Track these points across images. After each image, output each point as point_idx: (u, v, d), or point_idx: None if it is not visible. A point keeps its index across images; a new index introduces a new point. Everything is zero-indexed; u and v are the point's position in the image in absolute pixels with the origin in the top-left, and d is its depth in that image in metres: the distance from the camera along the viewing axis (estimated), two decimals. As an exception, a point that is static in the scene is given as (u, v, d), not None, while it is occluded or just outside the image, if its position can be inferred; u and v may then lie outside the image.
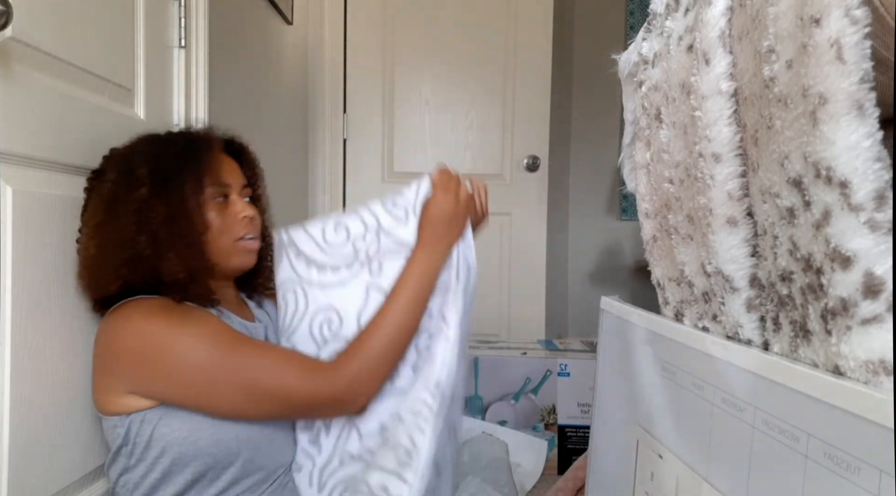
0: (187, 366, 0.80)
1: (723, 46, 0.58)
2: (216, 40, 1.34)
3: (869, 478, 0.38)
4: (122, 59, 1.02)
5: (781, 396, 0.47)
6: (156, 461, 0.83)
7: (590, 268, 2.64)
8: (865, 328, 0.41)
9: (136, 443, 0.83)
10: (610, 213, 2.65)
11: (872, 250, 0.40)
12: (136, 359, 0.81)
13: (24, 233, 0.78)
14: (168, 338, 0.80)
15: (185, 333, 0.81)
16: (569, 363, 1.80)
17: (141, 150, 0.89)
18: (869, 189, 0.40)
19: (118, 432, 0.83)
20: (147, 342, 0.81)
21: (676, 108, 0.67)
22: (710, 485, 0.57)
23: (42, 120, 0.82)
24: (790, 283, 0.51)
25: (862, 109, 0.39)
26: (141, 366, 0.81)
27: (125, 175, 0.86)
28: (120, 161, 0.88)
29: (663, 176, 0.73)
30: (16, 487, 0.77)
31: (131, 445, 0.83)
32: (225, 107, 1.41)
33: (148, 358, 0.80)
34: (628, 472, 0.79)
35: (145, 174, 0.85)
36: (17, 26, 0.74)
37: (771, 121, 0.49)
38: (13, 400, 0.77)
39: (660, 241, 0.78)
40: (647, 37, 0.78)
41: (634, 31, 2.52)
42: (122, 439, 0.83)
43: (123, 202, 0.84)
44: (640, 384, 0.77)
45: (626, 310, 0.86)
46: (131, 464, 0.83)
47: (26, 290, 0.79)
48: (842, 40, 0.39)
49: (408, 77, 2.40)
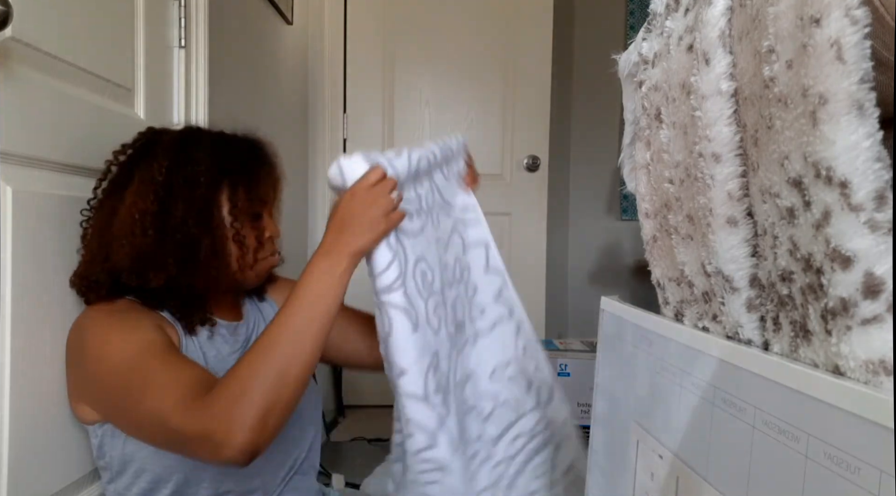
0: (104, 368, 0.77)
1: (723, 46, 0.58)
2: (216, 40, 1.34)
3: (869, 478, 0.38)
4: (122, 59, 1.02)
5: (781, 396, 0.47)
6: (136, 478, 0.82)
7: (590, 268, 2.64)
8: (865, 328, 0.41)
9: (111, 458, 0.82)
10: (610, 213, 2.65)
11: (872, 250, 0.40)
12: (77, 352, 0.82)
13: (24, 233, 0.78)
14: (101, 340, 0.79)
15: (117, 337, 0.78)
16: (569, 363, 1.80)
17: (201, 143, 0.87)
18: (869, 189, 0.40)
19: (94, 443, 0.84)
20: (84, 342, 0.80)
21: (676, 108, 0.67)
22: (710, 485, 0.57)
23: (42, 120, 0.82)
24: (790, 283, 0.51)
25: (862, 109, 0.39)
26: (76, 366, 0.82)
27: (182, 166, 0.83)
28: (175, 148, 0.85)
29: (663, 176, 0.73)
30: (15, 487, 0.77)
31: (107, 458, 0.83)
32: (225, 107, 1.41)
33: (83, 352, 0.81)
34: (628, 472, 0.79)
35: (205, 171, 0.84)
36: (17, 26, 0.74)
37: (771, 121, 0.49)
38: (13, 400, 0.77)
39: (660, 241, 0.78)
40: (647, 37, 0.77)
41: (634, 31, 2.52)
42: (97, 451, 0.83)
43: (183, 199, 0.82)
44: (640, 384, 0.77)
45: (626, 310, 0.86)
46: (114, 477, 0.84)
47: (26, 290, 0.79)
48: (842, 40, 0.39)
49: (408, 77, 2.40)
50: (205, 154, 0.85)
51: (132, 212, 0.81)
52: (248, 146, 0.92)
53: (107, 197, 0.86)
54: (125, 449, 0.81)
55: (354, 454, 1.89)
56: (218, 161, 0.86)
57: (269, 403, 0.69)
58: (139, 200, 0.82)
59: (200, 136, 0.89)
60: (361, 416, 2.31)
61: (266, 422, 0.69)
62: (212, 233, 0.84)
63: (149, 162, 0.84)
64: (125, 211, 0.82)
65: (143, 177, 0.83)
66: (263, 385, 0.70)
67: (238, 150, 0.90)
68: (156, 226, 0.81)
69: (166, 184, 0.82)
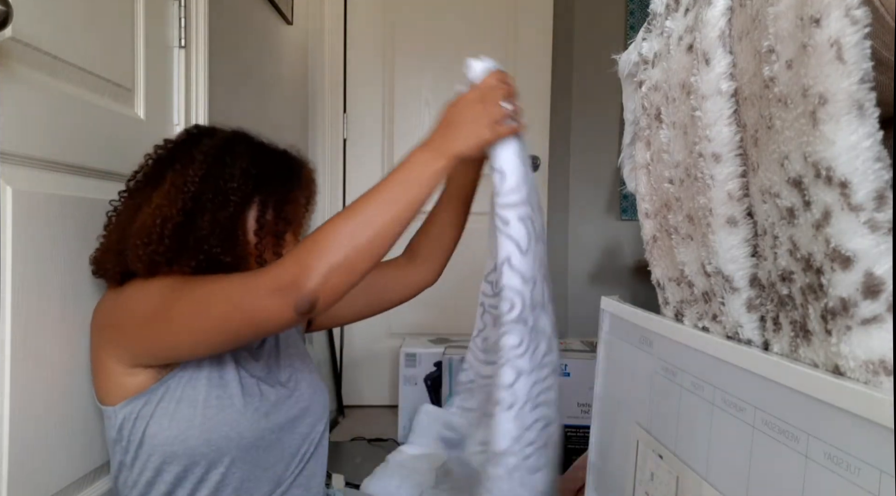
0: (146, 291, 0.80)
1: (723, 46, 0.58)
2: (216, 40, 1.34)
3: (869, 478, 0.38)
4: (122, 59, 1.02)
5: (781, 396, 0.47)
6: (148, 459, 0.83)
7: (590, 269, 2.64)
8: (865, 328, 0.41)
9: (129, 440, 0.83)
10: (610, 213, 2.64)
11: (872, 250, 0.40)
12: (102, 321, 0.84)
13: (24, 233, 0.78)
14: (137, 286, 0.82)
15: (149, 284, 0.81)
16: (569, 363, 1.80)
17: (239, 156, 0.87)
18: (869, 189, 0.40)
19: (112, 423, 0.83)
20: (117, 296, 0.83)
21: (676, 108, 0.67)
22: (710, 485, 0.57)
23: (42, 120, 0.82)
24: (790, 283, 0.51)
25: (862, 109, 0.39)
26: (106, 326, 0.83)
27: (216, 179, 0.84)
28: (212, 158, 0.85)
29: (663, 176, 0.73)
30: (16, 487, 0.77)
31: (125, 442, 0.83)
32: (225, 107, 1.41)
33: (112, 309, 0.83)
34: (628, 472, 0.79)
35: (237, 188, 0.84)
36: (17, 26, 0.74)
37: (771, 121, 0.49)
38: (13, 399, 0.77)
39: (660, 241, 0.78)
40: (647, 37, 0.77)
41: (634, 31, 2.52)
42: (116, 433, 0.83)
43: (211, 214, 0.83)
44: (640, 384, 0.77)
45: (626, 310, 0.86)
46: (127, 462, 0.84)
47: (26, 290, 0.79)
48: (842, 40, 0.39)
49: (408, 77, 2.40)
50: (240, 168, 0.85)
51: (155, 216, 0.81)
52: (287, 164, 0.91)
53: (137, 190, 0.86)
54: (147, 431, 0.81)
55: (354, 454, 1.89)
56: (252, 177, 0.85)
57: (338, 258, 0.71)
58: (165, 205, 0.81)
59: (240, 148, 0.88)
60: (361, 416, 2.31)
61: (330, 274, 0.71)
62: (234, 252, 0.84)
63: (184, 166, 0.83)
64: (149, 211, 0.81)
65: (175, 181, 0.83)
66: (336, 240, 0.72)
67: (275, 167, 0.89)
68: (177, 236, 0.81)
69: (196, 195, 0.82)
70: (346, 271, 0.72)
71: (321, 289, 0.71)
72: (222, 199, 0.83)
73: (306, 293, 0.70)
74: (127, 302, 0.82)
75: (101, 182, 0.94)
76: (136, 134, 1.04)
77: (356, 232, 0.73)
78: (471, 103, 0.79)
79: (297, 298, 0.70)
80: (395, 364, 2.22)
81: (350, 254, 0.72)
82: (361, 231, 0.73)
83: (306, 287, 0.70)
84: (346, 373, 2.42)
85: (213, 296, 0.75)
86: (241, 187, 0.84)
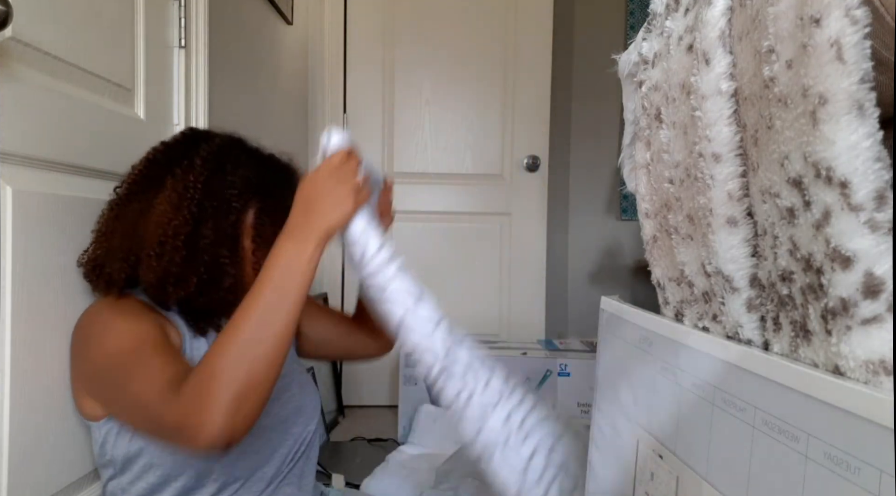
0: (103, 352, 0.78)
1: (723, 46, 0.58)
2: (216, 40, 1.34)
3: (869, 478, 0.38)
4: (122, 59, 1.02)
5: (781, 396, 0.47)
6: (143, 474, 0.82)
7: (590, 268, 2.64)
8: (865, 328, 0.41)
9: (114, 455, 0.82)
10: (610, 213, 2.65)
11: (872, 250, 0.40)
12: (80, 343, 0.83)
13: (24, 233, 0.78)
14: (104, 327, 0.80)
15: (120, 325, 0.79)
16: (569, 363, 1.80)
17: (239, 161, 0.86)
18: (869, 189, 0.40)
19: (96, 439, 0.84)
20: (90, 330, 0.82)
21: (676, 108, 0.67)
22: (710, 485, 0.57)
23: (42, 120, 0.82)
24: (790, 283, 0.51)
25: (862, 109, 0.39)
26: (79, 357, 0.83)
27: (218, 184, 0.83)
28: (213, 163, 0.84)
29: (663, 176, 0.73)
30: (16, 487, 0.77)
31: (109, 457, 0.83)
32: (225, 107, 1.42)
33: (86, 341, 0.82)
34: (628, 472, 0.79)
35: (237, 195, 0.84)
36: (17, 26, 0.74)
37: (771, 121, 0.49)
38: (13, 399, 0.77)
39: (660, 241, 0.78)
40: (647, 37, 0.77)
41: (634, 31, 2.52)
42: (100, 449, 0.83)
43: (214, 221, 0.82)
44: (640, 384, 0.77)
45: (626, 310, 0.86)
46: (116, 474, 0.84)
47: (26, 290, 0.79)
48: (842, 40, 0.39)
49: (408, 77, 2.40)
50: (240, 175, 0.85)
51: (165, 225, 0.80)
52: (282, 173, 0.91)
53: (135, 193, 0.85)
54: (131, 446, 0.81)
55: (354, 454, 1.89)
56: (250, 184, 0.85)
57: (239, 386, 0.67)
58: (172, 214, 0.80)
59: (238, 154, 0.88)
60: (361, 416, 2.31)
61: (239, 405, 0.67)
62: (237, 260, 0.84)
63: (185, 171, 0.83)
64: (157, 219, 0.81)
65: (177, 186, 0.82)
66: (231, 369, 0.68)
67: (272, 173, 0.89)
68: (187, 245, 0.80)
69: (201, 202, 0.81)
70: (251, 393, 0.68)
71: (233, 421, 0.67)
72: (225, 206, 0.83)
73: (217, 431, 0.66)
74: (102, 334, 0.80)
75: (101, 182, 0.94)
76: (136, 134, 1.04)
77: (248, 352, 0.69)
78: (326, 178, 0.77)
79: (208, 443, 0.66)
80: (395, 364, 2.22)
81: (250, 377, 0.68)
82: (253, 349, 0.69)
83: (212, 432, 0.66)
84: (346, 373, 2.42)
85: (134, 398, 0.73)
86: (241, 194, 0.84)
